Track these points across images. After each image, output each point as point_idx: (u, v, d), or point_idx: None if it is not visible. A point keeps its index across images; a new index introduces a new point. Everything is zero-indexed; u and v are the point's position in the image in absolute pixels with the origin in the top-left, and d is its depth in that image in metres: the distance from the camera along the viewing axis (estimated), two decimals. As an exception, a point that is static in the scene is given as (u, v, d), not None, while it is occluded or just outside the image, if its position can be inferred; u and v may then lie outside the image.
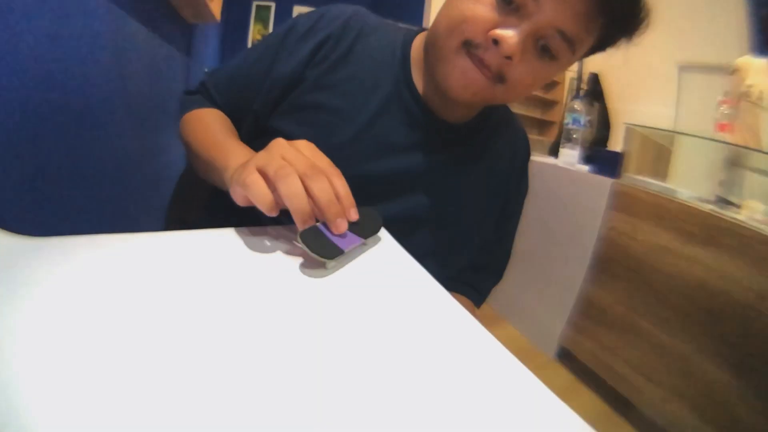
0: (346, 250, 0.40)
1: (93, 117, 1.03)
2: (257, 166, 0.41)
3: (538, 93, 4.13)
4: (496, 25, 0.51)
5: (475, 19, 0.52)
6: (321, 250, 0.38)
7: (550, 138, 3.73)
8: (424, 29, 0.68)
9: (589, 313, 1.93)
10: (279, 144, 0.44)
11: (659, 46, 3.88)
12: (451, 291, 0.56)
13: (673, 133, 2.53)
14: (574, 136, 2.24)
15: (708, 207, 1.59)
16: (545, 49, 0.53)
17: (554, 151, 3.72)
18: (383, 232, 0.51)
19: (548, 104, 4.28)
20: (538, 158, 2.46)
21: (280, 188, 0.39)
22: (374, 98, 0.63)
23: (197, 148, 0.60)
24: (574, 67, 3.99)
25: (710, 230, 1.49)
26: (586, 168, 2.11)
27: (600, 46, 0.57)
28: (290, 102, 0.63)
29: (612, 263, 1.86)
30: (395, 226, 0.54)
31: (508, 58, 0.51)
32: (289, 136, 0.53)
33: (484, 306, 2.53)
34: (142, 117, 1.42)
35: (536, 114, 4.12)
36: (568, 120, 2.26)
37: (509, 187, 0.77)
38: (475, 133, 0.69)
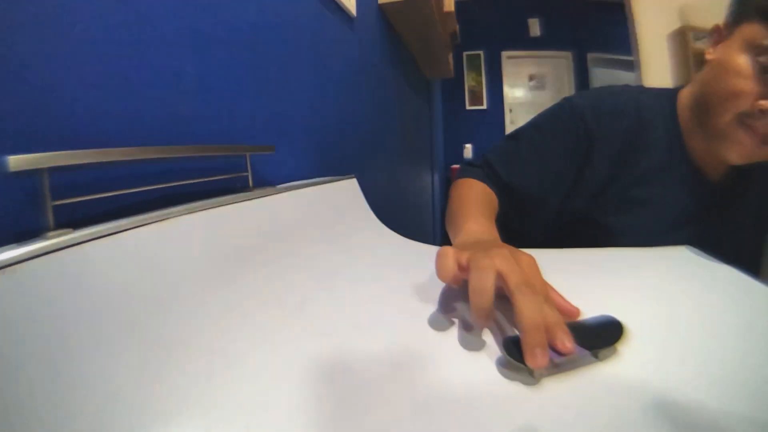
0: (556, 360, 0.30)
1: (392, 155, 1.33)
2: (465, 250, 0.41)
3: None
4: (762, 97, 0.57)
5: (744, 94, 0.58)
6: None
7: None
8: (677, 89, 0.74)
9: None
10: (501, 251, 0.39)
11: None
12: None
13: None
14: None
15: None
16: None
17: None
18: None
19: None
20: None
21: (471, 278, 0.36)
22: (663, 178, 0.70)
23: (452, 205, 0.68)
24: None
25: None
26: None
27: None
28: (606, 199, 0.71)
29: None
30: None
31: None
32: (607, 226, 0.69)
33: None
34: (409, 157, 1.73)
35: None
36: None
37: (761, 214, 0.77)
38: (734, 188, 0.73)
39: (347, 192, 0.62)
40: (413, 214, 1.83)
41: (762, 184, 0.75)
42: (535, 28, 4.54)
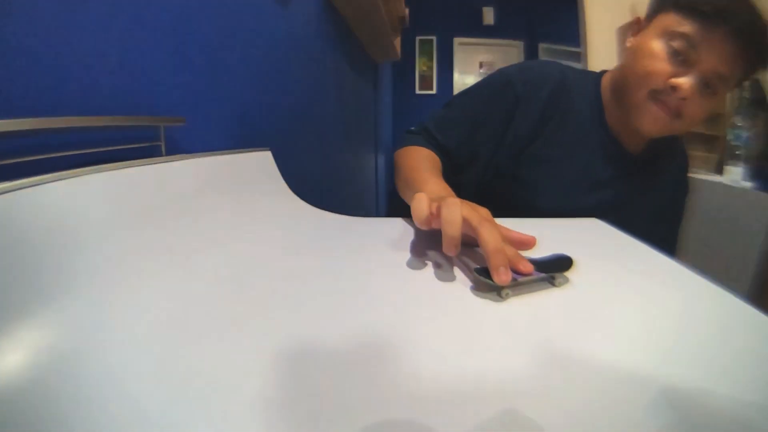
0: (519, 279, 0.38)
1: (326, 134, 1.38)
2: (432, 198, 0.48)
3: None
4: (672, 76, 0.67)
5: (657, 73, 0.68)
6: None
7: (716, 153, 3.42)
8: (603, 72, 0.85)
9: None
10: (464, 201, 0.47)
11: None
12: None
13: None
14: (738, 152, 2.17)
15: None
16: (707, 87, 0.67)
17: (720, 168, 3.39)
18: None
19: (711, 118, 3.91)
20: (704, 176, 2.35)
21: (442, 212, 0.43)
22: (584, 145, 0.80)
23: (403, 172, 0.73)
24: None
25: None
26: (749, 185, 2.00)
27: (745, 76, 0.71)
28: (528, 156, 0.79)
29: None
30: None
31: (683, 99, 0.67)
32: (527, 182, 0.78)
33: None
34: (351, 137, 1.78)
35: (700, 129, 3.77)
36: (731, 137, 2.20)
37: (676, 195, 0.91)
38: (650, 159, 0.84)
39: (259, 163, 0.65)
40: (353, 191, 1.88)
41: (672, 170, 0.89)
42: (489, 16, 4.63)
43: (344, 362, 0.27)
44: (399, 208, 0.81)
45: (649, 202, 0.85)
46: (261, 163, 0.66)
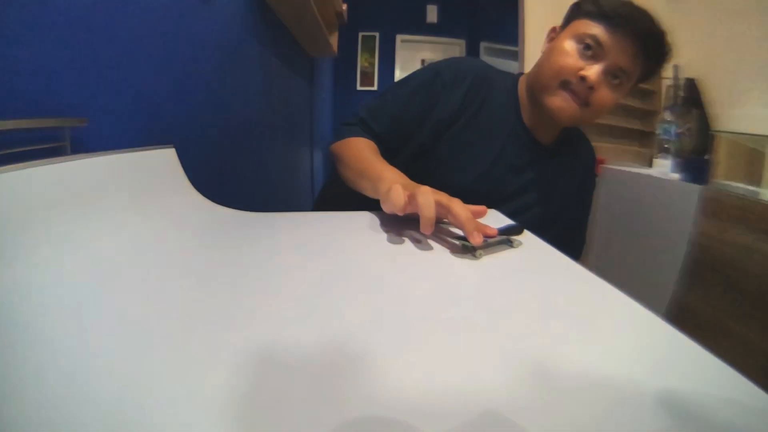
0: (488, 241, 0.52)
1: (251, 132, 1.40)
2: (404, 187, 0.57)
3: (635, 104, 4.04)
4: (581, 68, 0.78)
5: (568, 66, 0.79)
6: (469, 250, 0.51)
7: (650, 149, 3.63)
8: (521, 73, 0.96)
9: (680, 316, 1.93)
10: (426, 187, 0.56)
11: (762, 42, 3.61)
12: None
13: (761, 136, 2.46)
14: (666, 146, 2.29)
15: None
16: (613, 78, 0.79)
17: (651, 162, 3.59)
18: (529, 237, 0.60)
19: (646, 114, 4.17)
20: (636, 170, 2.51)
21: (418, 198, 0.53)
22: (499, 132, 0.89)
23: (353, 163, 0.79)
24: (670, 74, 3.86)
25: None
26: (677, 176, 2.15)
27: (644, 75, 0.85)
28: (448, 141, 0.87)
29: (702, 267, 1.87)
30: (518, 215, 0.82)
31: (591, 88, 0.78)
32: (446, 161, 0.86)
33: None
34: (281, 133, 1.80)
35: (636, 125, 4.02)
36: (659, 131, 2.34)
37: (582, 186, 1.02)
38: (559, 150, 0.95)
39: (162, 160, 0.66)
40: (284, 186, 1.90)
41: (580, 164, 1.01)
42: (432, 14, 4.69)
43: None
44: (331, 201, 0.89)
45: (559, 188, 0.96)
46: (164, 160, 0.67)
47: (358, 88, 4.49)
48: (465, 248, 0.51)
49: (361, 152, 0.81)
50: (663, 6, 4.35)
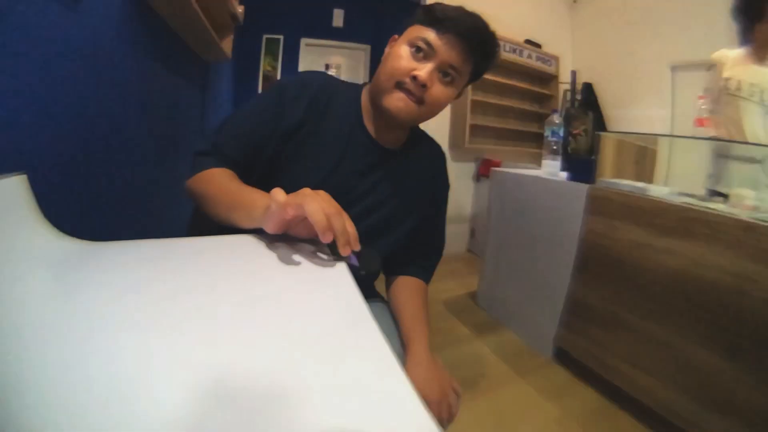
0: (348, 261, 0.63)
1: (125, 148, 1.23)
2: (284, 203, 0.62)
3: (533, 108, 4.25)
4: (414, 69, 0.84)
5: (402, 68, 0.85)
6: (335, 253, 0.63)
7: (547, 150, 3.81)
8: (366, 83, 0.99)
9: (577, 312, 2.02)
10: (308, 191, 0.64)
11: (651, 49, 3.86)
12: (404, 275, 1.08)
13: (644, 135, 2.60)
14: (554, 147, 2.35)
15: (681, 200, 1.67)
16: (444, 76, 0.86)
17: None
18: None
19: (544, 117, 4.39)
20: (523, 171, 2.56)
21: (308, 209, 0.59)
22: (344, 139, 0.92)
23: (219, 198, 0.78)
24: (567, 78, 4.08)
25: (683, 222, 1.56)
26: (564, 176, 2.22)
27: (476, 73, 0.93)
28: (294, 147, 0.89)
29: (594, 263, 1.94)
30: (363, 218, 0.91)
31: (424, 86, 0.84)
32: (291, 169, 0.88)
33: (484, 314, 2.64)
34: (164, 146, 1.63)
35: (533, 128, 4.22)
36: (547, 133, 2.36)
37: (433, 185, 1.08)
38: (406, 153, 1.01)
39: (9, 190, 0.58)
40: (168, 206, 1.74)
41: (429, 166, 1.07)
42: (339, 18, 4.64)
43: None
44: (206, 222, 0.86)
45: (407, 189, 1.00)
46: (10, 190, 0.59)
47: (260, 92, 4.27)
48: (336, 255, 0.63)
49: (224, 186, 0.81)
50: (564, 16, 4.64)
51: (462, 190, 3.93)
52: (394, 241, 1.01)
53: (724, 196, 1.81)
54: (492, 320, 2.53)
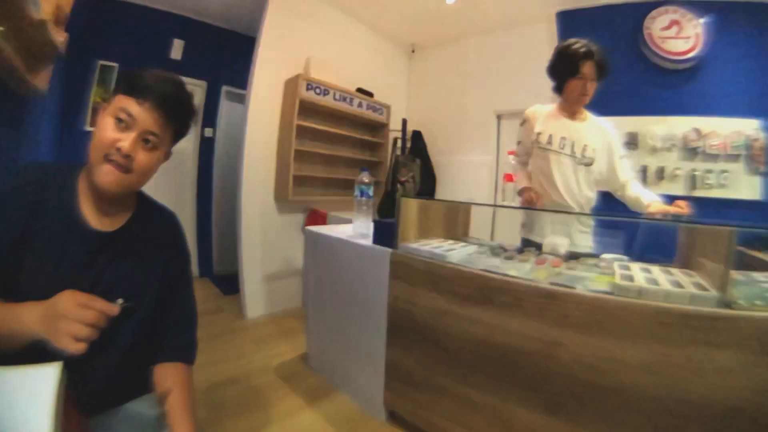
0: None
1: None
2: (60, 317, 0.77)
3: (363, 156, 4.42)
4: (118, 140, 0.89)
5: (107, 141, 0.89)
6: None
7: (376, 198, 3.68)
8: (83, 164, 0.98)
9: (398, 376, 1.99)
10: (65, 297, 0.80)
11: (479, 98, 4.34)
12: (166, 362, 1.08)
13: (450, 202, 2.81)
14: (364, 207, 2.29)
15: (478, 269, 1.67)
16: (147, 143, 0.93)
17: (378, 211, 3.79)
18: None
19: (374, 165, 4.52)
20: (332, 232, 2.45)
21: (57, 345, 0.75)
22: (59, 236, 0.92)
23: None
24: (398, 126, 4.33)
25: (483, 291, 1.58)
26: (370, 240, 2.17)
27: (178, 135, 1.01)
28: (21, 253, 0.88)
29: (403, 328, 1.92)
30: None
31: (128, 156, 0.90)
32: (23, 276, 0.87)
33: (318, 377, 2.53)
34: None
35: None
36: (356, 192, 2.25)
37: (167, 255, 1.11)
38: (130, 232, 1.02)
39: None
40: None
41: (161, 238, 1.10)
42: (177, 50, 4.39)
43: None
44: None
45: (139, 268, 1.03)
46: None
47: (87, 128, 3.67)
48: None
49: None
50: (402, 66, 4.96)
51: (291, 243, 3.84)
52: (140, 320, 1.02)
53: (538, 246, 1.96)
54: (324, 383, 2.46)
